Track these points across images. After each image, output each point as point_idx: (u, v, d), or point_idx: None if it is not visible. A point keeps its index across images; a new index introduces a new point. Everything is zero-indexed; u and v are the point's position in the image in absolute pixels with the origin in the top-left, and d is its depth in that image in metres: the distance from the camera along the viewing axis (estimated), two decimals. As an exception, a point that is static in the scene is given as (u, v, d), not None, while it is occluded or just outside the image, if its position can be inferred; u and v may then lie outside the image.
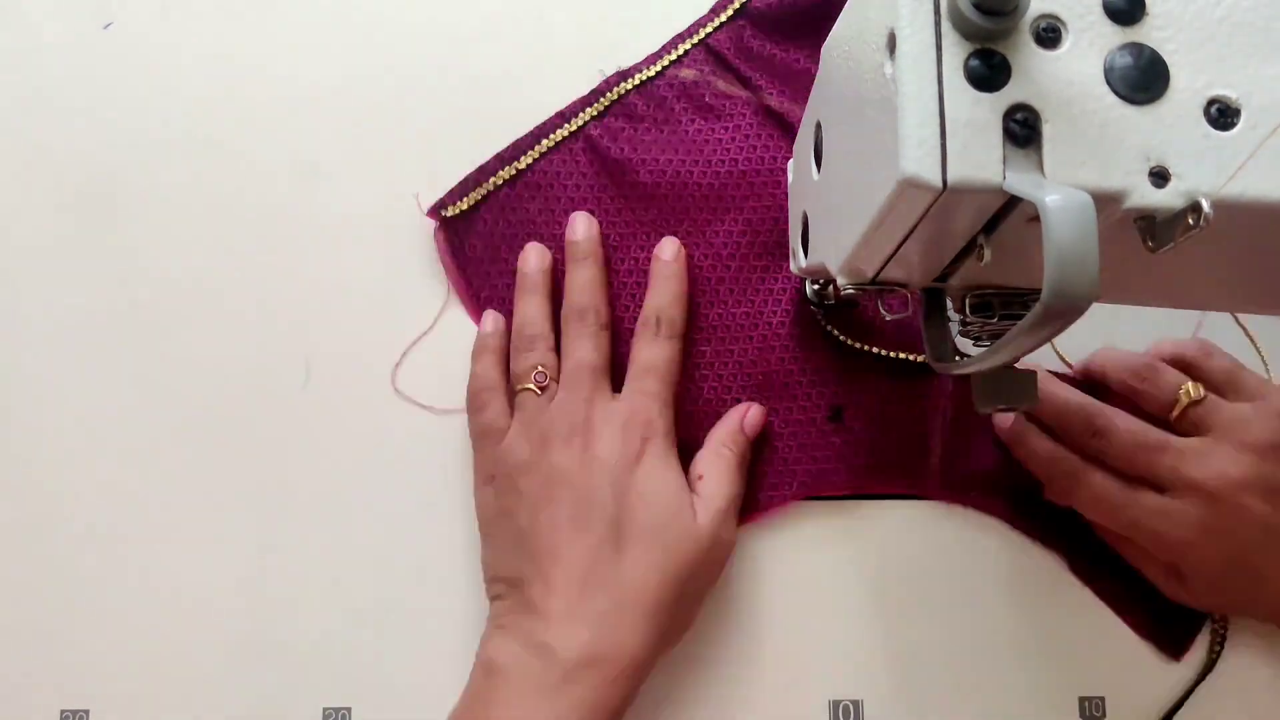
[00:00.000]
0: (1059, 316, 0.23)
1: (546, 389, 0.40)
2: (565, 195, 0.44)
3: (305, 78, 0.46)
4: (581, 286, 0.42)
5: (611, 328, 0.42)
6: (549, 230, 0.44)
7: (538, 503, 0.38)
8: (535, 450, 0.39)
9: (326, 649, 0.42)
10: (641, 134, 0.45)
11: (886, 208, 0.26)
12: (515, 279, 0.43)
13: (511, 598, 0.38)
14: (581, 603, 0.37)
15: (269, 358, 0.44)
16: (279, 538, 0.43)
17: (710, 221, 0.44)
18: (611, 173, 0.44)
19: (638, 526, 0.37)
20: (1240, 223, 0.26)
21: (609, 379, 0.41)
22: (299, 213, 0.45)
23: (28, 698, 0.42)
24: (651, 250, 0.43)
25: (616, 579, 0.37)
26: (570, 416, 0.39)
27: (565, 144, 0.45)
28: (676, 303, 0.42)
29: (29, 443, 0.44)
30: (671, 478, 0.39)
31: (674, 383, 0.41)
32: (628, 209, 0.44)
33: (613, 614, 0.36)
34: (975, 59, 0.25)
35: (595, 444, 0.39)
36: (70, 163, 0.46)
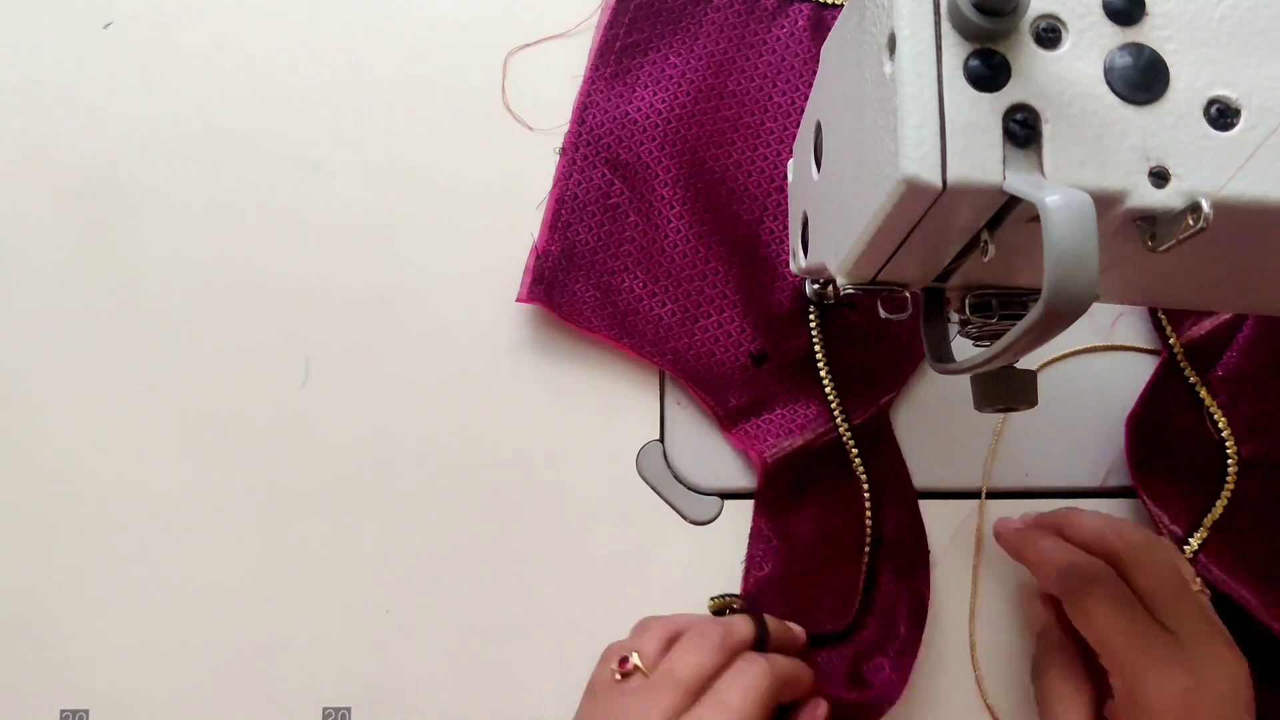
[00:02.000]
0: (1059, 316, 0.23)
1: (625, 672, 0.38)
2: (750, 35, 0.46)
3: (305, 76, 0.46)
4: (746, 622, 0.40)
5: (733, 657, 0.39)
6: (706, 46, 0.46)
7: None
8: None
9: (326, 649, 0.42)
10: None
11: (886, 208, 0.26)
12: (648, 56, 0.45)
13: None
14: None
15: (268, 357, 0.44)
16: (279, 537, 0.43)
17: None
18: (806, 51, 0.46)
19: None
20: (1240, 223, 0.26)
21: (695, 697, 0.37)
22: (299, 211, 0.45)
23: (28, 698, 0.42)
24: None
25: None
26: (625, 715, 0.37)
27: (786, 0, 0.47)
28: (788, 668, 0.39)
29: (29, 442, 0.44)
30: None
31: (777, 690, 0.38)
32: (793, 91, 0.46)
33: None
34: (975, 59, 0.25)
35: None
36: (70, 162, 0.46)
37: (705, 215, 0.44)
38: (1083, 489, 0.44)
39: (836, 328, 0.44)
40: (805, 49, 0.46)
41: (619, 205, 0.45)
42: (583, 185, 0.45)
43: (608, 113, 0.45)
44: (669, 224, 0.44)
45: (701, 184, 0.45)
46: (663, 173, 0.45)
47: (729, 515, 0.44)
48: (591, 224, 0.44)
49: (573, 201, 0.44)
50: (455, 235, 0.45)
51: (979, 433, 0.45)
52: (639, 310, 0.44)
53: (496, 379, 0.44)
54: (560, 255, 0.44)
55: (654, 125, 0.45)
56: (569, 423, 0.44)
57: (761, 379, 0.44)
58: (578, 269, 0.44)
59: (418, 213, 0.45)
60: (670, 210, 0.44)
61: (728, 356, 0.44)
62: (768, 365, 0.44)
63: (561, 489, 0.43)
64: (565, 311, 0.44)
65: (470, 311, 0.45)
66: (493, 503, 0.43)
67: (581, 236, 0.44)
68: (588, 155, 0.45)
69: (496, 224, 0.45)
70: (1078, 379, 0.45)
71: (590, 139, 0.45)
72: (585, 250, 0.44)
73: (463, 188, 0.46)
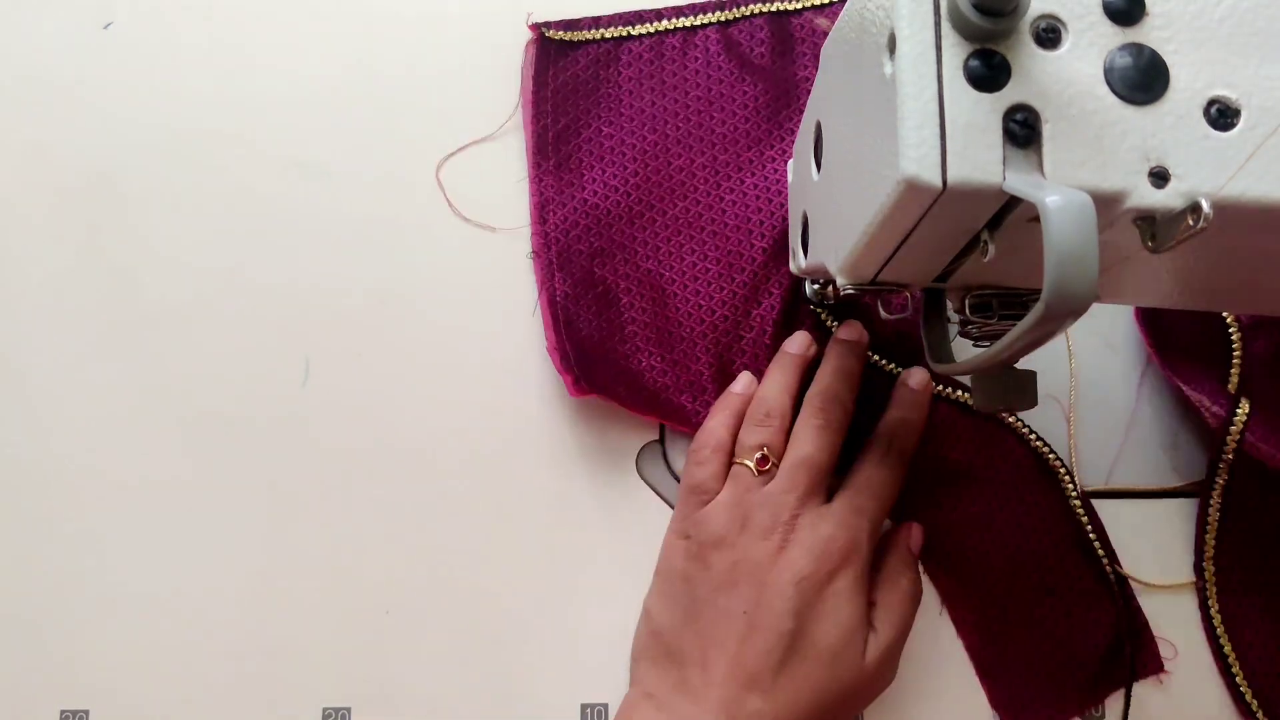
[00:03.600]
0: (1059, 317, 0.23)
1: (766, 471, 0.39)
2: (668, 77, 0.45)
3: (305, 76, 0.46)
4: (837, 371, 0.41)
5: (849, 425, 0.40)
6: (631, 104, 0.45)
7: (721, 584, 0.38)
8: (734, 529, 0.38)
9: (326, 649, 0.42)
10: (755, 58, 0.46)
11: (886, 208, 0.26)
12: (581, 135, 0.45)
13: (667, 669, 0.38)
14: (734, 696, 0.36)
15: (268, 357, 0.44)
16: (279, 537, 0.43)
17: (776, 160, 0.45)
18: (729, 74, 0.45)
19: (810, 648, 0.36)
20: (1240, 223, 0.26)
21: (829, 481, 0.40)
22: (300, 211, 0.45)
23: (28, 698, 0.42)
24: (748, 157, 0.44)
25: (774, 691, 0.36)
26: (777, 510, 0.38)
27: (689, 32, 0.46)
28: (913, 432, 0.41)
29: (28, 442, 0.44)
30: (855, 609, 0.37)
31: (889, 508, 0.40)
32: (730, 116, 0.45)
33: (761, 714, 0.36)
34: (975, 59, 0.25)
35: (794, 548, 0.37)
36: (70, 162, 0.46)
37: (698, 269, 0.44)
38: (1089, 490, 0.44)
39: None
40: (726, 71, 0.45)
41: (610, 292, 0.44)
42: (567, 283, 0.44)
43: (565, 205, 0.44)
44: (666, 292, 0.44)
45: (683, 240, 0.44)
46: (641, 247, 0.44)
47: (729, 515, 0.44)
48: (590, 316, 0.43)
49: (564, 300, 0.43)
50: (455, 237, 0.45)
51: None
52: (667, 385, 0.43)
53: (496, 380, 0.44)
54: (575, 352, 0.43)
55: (614, 204, 0.44)
56: (569, 423, 0.44)
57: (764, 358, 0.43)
58: (594, 361, 0.43)
59: (417, 214, 0.45)
60: (661, 279, 0.44)
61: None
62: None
63: (561, 489, 0.43)
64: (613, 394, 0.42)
65: (470, 313, 0.45)
66: (492, 503, 0.43)
67: (585, 331, 0.43)
68: (561, 253, 0.44)
69: (496, 220, 0.45)
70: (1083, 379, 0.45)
71: (558, 236, 0.44)
72: (593, 343, 0.43)
73: (463, 190, 0.46)
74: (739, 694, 0.36)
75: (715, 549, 0.38)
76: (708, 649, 0.37)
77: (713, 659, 0.37)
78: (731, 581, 0.37)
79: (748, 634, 0.36)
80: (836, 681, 0.37)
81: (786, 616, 0.36)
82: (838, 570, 0.37)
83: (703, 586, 0.38)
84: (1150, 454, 0.45)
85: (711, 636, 0.37)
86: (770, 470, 0.39)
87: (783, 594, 0.37)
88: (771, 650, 0.36)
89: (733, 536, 0.38)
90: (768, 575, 0.37)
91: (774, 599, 0.37)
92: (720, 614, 0.37)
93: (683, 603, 0.39)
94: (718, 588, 0.38)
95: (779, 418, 0.40)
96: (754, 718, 0.36)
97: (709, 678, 0.36)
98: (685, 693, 0.37)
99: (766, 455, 0.39)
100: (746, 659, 0.36)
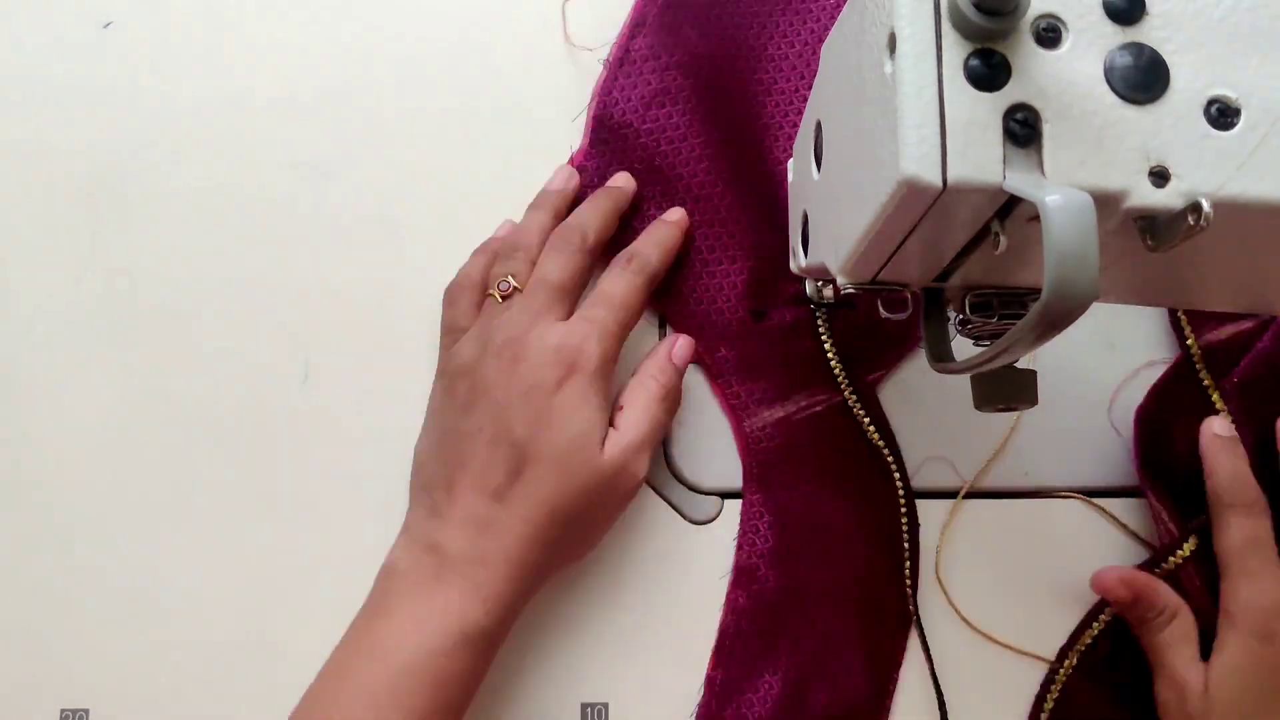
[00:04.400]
0: (1059, 316, 0.23)
1: (509, 298, 0.40)
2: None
3: (305, 75, 0.46)
4: (586, 209, 0.42)
5: (597, 257, 0.42)
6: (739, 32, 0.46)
7: (462, 408, 0.39)
8: (476, 357, 0.39)
9: (327, 649, 0.42)
10: None
11: (886, 208, 0.26)
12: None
13: (421, 499, 0.40)
14: (475, 509, 0.38)
15: (269, 357, 0.44)
16: (279, 537, 0.43)
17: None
18: None
19: (541, 451, 0.38)
20: (1240, 223, 0.26)
21: (572, 302, 0.41)
22: (299, 211, 0.45)
23: (28, 698, 0.42)
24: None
25: (510, 500, 0.37)
26: (510, 329, 0.39)
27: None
28: (659, 250, 0.42)
29: (28, 441, 0.44)
30: (587, 412, 0.38)
31: (627, 318, 0.41)
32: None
33: (500, 522, 0.37)
34: (975, 59, 0.25)
35: (523, 362, 0.38)
36: (69, 161, 0.46)
37: (734, 167, 0.45)
38: (1087, 488, 0.44)
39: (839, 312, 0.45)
40: None
41: (653, 133, 0.45)
42: (620, 105, 0.45)
43: (658, 35, 0.45)
44: (700, 163, 0.45)
45: (733, 136, 0.45)
46: (703, 113, 0.45)
47: (729, 515, 0.44)
48: (625, 147, 0.45)
49: (609, 121, 0.45)
50: (455, 235, 0.45)
51: (976, 430, 0.45)
52: None
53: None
54: (595, 173, 0.44)
55: (697, 65, 0.45)
56: (569, 422, 0.44)
57: (756, 337, 0.44)
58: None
59: (417, 212, 0.45)
60: (704, 150, 0.45)
61: (728, 307, 0.44)
62: (765, 324, 0.44)
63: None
64: None
65: (470, 311, 0.45)
66: (493, 502, 0.43)
67: (617, 157, 0.45)
68: (630, 74, 0.45)
69: (496, 218, 0.45)
70: (1078, 378, 0.45)
71: (636, 57, 0.45)
72: (615, 172, 0.45)
73: (463, 187, 0.46)
74: (477, 507, 0.38)
75: (460, 378, 0.40)
76: (453, 472, 0.38)
77: (456, 480, 0.38)
78: (471, 403, 0.39)
79: (485, 449, 0.38)
80: (571, 482, 0.38)
81: (516, 425, 0.38)
82: (566, 377, 0.38)
83: (449, 415, 0.40)
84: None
85: (455, 459, 0.39)
86: (514, 297, 0.40)
87: (512, 404, 0.38)
88: (505, 460, 0.38)
89: (474, 363, 0.39)
90: (499, 392, 0.38)
91: (505, 412, 0.38)
92: (462, 437, 0.39)
93: (435, 435, 0.40)
94: (460, 412, 0.39)
95: (527, 250, 0.41)
96: (491, 525, 0.37)
97: (452, 497, 0.38)
98: (434, 516, 0.38)
99: (509, 281, 0.40)
100: (484, 474, 0.38)
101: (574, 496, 0.38)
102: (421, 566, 0.38)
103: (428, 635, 0.36)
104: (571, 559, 0.41)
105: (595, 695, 0.42)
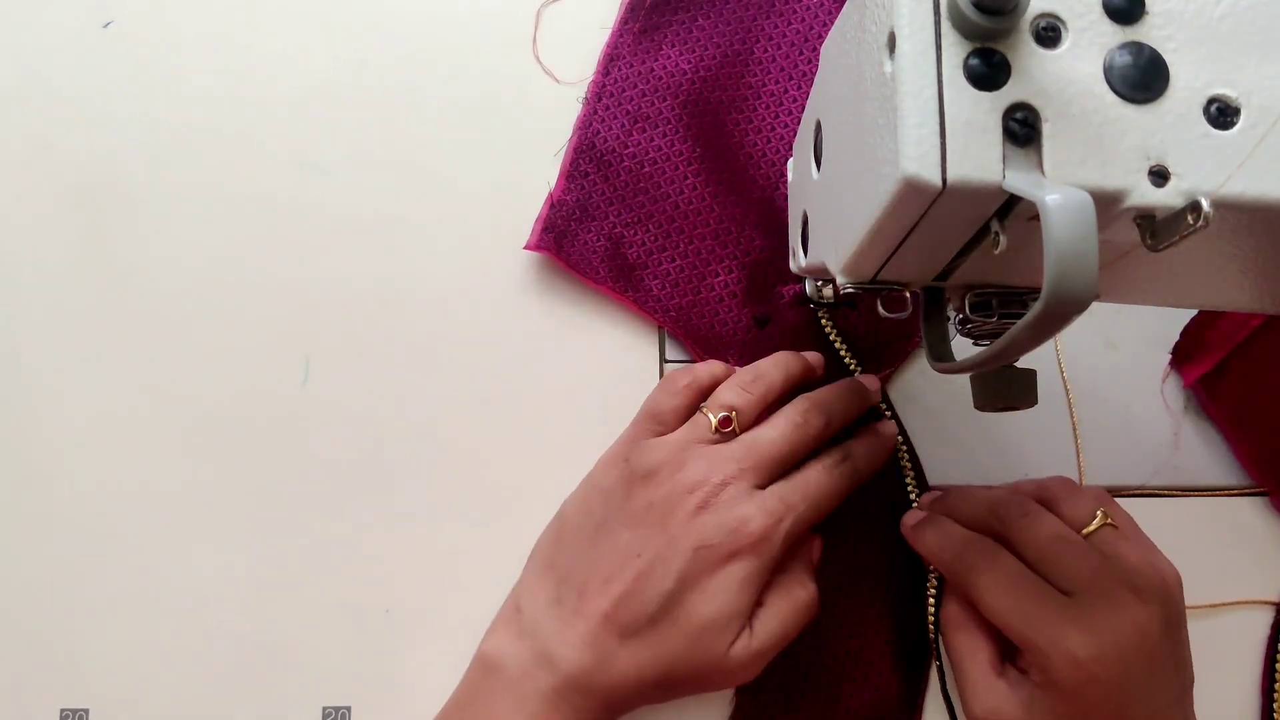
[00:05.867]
0: (1059, 316, 0.23)
1: (723, 432, 0.39)
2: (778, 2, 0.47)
3: (305, 74, 0.46)
4: (840, 391, 0.41)
5: (817, 445, 0.40)
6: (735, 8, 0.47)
7: (631, 519, 0.38)
8: (667, 470, 0.38)
9: (326, 649, 0.42)
10: None
11: (886, 207, 0.26)
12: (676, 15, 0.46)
13: (547, 581, 0.39)
14: (601, 634, 0.36)
15: (268, 357, 0.44)
16: (279, 536, 0.43)
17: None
18: None
19: (683, 616, 0.36)
20: (1240, 222, 0.26)
21: (774, 477, 0.38)
22: (300, 211, 0.45)
23: (28, 698, 0.42)
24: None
25: (634, 643, 0.36)
26: (712, 471, 0.37)
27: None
28: (870, 462, 0.41)
29: (28, 441, 0.44)
30: (739, 598, 0.36)
31: (817, 517, 0.39)
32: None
33: (619, 661, 0.36)
34: (975, 58, 0.25)
35: (708, 516, 0.37)
36: (70, 161, 0.46)
37: (722, 176, 0.45)
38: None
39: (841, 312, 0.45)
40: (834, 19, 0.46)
41: (636, 157, 0.45)
42: (601, 135, 0.45)
43: (633, 66, 0.46)
44: (685, 180, 0.45)
45: (720, 145, 0.45)
46: (683, 130, 0.45)
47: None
48: (608, 174, 0.45)
49: (590, 150, 0.45)
50: (455, 235, 0.45)
51: (978, 430, 0.45)
52: (648, 264, 0.44)
53: (496, 380, 0.44)
54: (574, 205, 0.44)
55: (677, 84, 0.46)
56: (571, 424, 0.44)
57: (761, 343, 0.44)
58: (590, 219, 0.44)
59: (417, 211, 0.45)
60: (688, 167, 0.45)
61: (730, 317, 0.44)
62: (769, 330, 0.44)
63: (562, 490, 0.43)
64: (573, 261, 0.44)
65: (469, 312, 0.45)
66: (493, 502, 0.43)
67: (598, 187, 0.45)
68: (609, 105, 0.45)
69: (496, 220, 0.45)
70: (1083, 378, 0.45)
71: (614, 89, 0.46)
72: (600, 200, 0.45)
73: (463, 187, 0.46)
74: (604, 633, 0.36)
75: (643, 482, 0.38)
76: (592, 578, 0.37)
77: (592, 589, 0.37)
78: (641, 521, 0.37)
79: (633, 578, 0.37)
80: (692, 659, 0.36)
81: (672, 575, 0.36)
82: (740, 554, 0.36)
83: (615, 514, 0.38)
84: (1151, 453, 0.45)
85: (600, 567, 0.37)
86: (729, 435, 0.39)
87: (680, 553, 0.36)
88: (647, 603, 0.36)
89: (663, 477, 0.38)
90: (674, 529, 0.37)
91: (670, 554, 0.37)
92: (617, 548, 0.37)
93: (593, 520, 0.39)
94: (627, 521, 0.38)
95: (762, 392, 0.40)
96: (610, 660, 0.36)
97: (582, 607, 0.37)
98: (555, 613, 0.37)
99: (731, 418, 0.39)
100: (623, 602, 0.36)
101: (688, 673, 0.37)
102: (531, 677, 0.37)
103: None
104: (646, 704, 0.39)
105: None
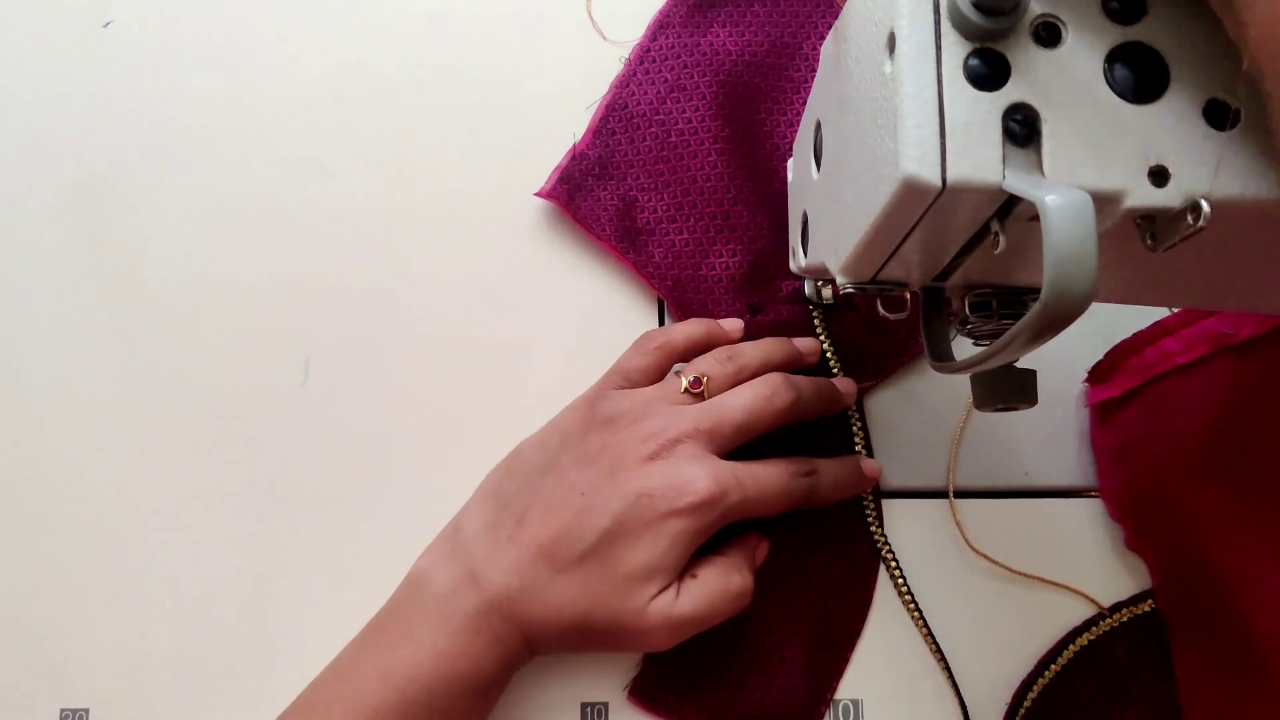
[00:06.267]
0: (1058, 315, 0.23)
1: (692, 394, 0.39)
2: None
3: (305, 74, 0.46)
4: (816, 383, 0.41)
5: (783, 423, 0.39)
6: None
7: (581, 458, 0.38)
8: (626, 420, 0.38)
9: (326, 649, 0.42)
10: None
11: (886, 207, 0.26)
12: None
13: (489, 505, 0.39)
14: (531, 563, 0.37)
15: (268, 357, 0.44)
16: (279, 536, 0.43)
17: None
18: None
19: (612, 559, 0.36)
20: (1240, 222, 0.26)
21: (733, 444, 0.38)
22: (300, 210, 0.45)
23: (28, 697, 0.42)
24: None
25: (561, 576, 0.37)
26: (670, 426, 0.38)
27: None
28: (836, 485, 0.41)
29: (28, 441, 0.44)
30: (669, 557, 0.36)
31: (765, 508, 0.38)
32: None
33: (545, 593, 0.37)
34: (975, 58, 0.25)
35: (656, 466, 0.37)
36: (70, 161, 0.46)
37: (745, 161, 0.45)
38: (1085, 488, 0.44)
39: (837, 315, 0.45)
40: None
41: (665, 125, 0.45)
42: (636, 97, 0.45)
43: (680, 37, 0.46)
44: (708, 156, 0.45)
45: (749, 131, 0.45)
46: (716, 108, 0.45)
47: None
48: (634, 136, 0.45)
49: (622, 110, 0.45)
50: (455, 234, 0.45)
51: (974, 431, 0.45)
52: (655, 231, 0.45)
53: (496, 380, 0.44)
54: (595, 161, 0.45)
55: (720, 62, 0.46)
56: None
57: (750, 331, 0.44)
58: (609, 177, 0.45)
59: (417, 212, 0.45)
60: (713, 145, 0.45)
61: (726, 299, 0.44)
62: (760, 319, 0.44)
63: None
64: (581, 215, 0.44)
65: (469, 312, 0.45)
66: (493, 502, 0.43)
67: (622, 147, 0.45)
68: (650, 70, 0.46)
69: (497, 217, 0.45)
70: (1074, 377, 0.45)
71: (657, 55, 0.46)
72: (622, 160, 0.45)
73: (464, 187, 0.46)
74: (534, 563, 0.37)
75: (601, 427, 0.39)
76: (532, 506, 0.38)
77: (531, 519, 0.37)
78: (591, 462, 0.38)
79: (571, 514, 0.37)
80: (612, 606, 0.36)
81: (609, 515, 0.36)
82: (680, 513, 0.36)
83: (568, 452, 0.38)
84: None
85: (542, 498, 0.38)
86: (698, 397, 0.39)
87: (621, 496, 0.36)
88: (581, 539, 0.36)
89: (621, 424, 0.38)
90: (621, 474, 0.37)
91: (611, 496, 0.37)
92: (563, 483, 0.38)
93: (547, 456, 0.39)
94: (578, 460, 0.38)
95: (738, 368, 0.40)
96: (534, 590, 0.36)
97: (518, 534, 0.37)
98: (490, 535, 0.38)
99: (702, 382, 0.39)
100: (558, 535, 0.37)
101: (605, 620, 0.36)
102: (457, 594, 0.37)
103: (445, 677, 0.36)
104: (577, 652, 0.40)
105: (595, 695, 0.42)
